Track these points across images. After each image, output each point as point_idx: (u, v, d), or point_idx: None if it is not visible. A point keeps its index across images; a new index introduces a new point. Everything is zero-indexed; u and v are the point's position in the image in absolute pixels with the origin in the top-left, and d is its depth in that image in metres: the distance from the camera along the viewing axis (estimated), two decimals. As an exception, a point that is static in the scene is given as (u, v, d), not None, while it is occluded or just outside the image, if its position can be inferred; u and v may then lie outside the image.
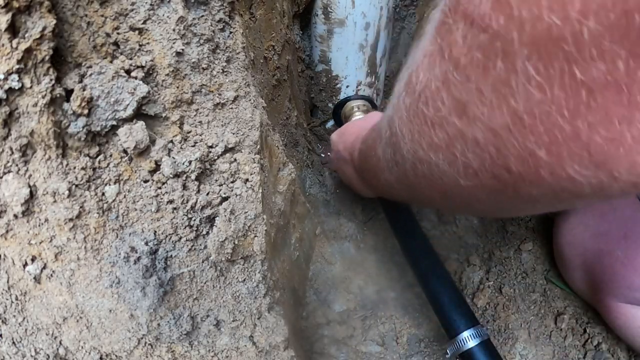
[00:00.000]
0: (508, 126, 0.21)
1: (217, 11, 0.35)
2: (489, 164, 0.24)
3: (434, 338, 0.61)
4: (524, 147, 0.21)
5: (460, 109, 0.23)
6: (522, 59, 0.18)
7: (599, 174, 0.19)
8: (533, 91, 0.19)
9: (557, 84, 0.18)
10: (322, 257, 0.66)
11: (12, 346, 0.36)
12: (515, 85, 0.19)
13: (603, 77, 0.17)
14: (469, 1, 0.20)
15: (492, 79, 0.20)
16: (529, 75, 0.18)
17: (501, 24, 0.19)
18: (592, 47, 0.16)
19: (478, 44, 0.20)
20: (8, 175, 0.31)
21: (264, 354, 0.40)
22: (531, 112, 0.20)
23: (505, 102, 0.20)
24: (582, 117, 0.18)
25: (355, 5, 0.68)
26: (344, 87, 0.80)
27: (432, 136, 0.27)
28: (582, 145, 0.19)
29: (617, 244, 0.53)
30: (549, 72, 0.18)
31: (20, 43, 0.27)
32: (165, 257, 0.35)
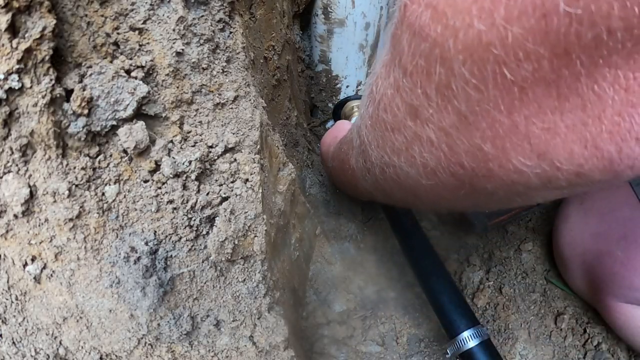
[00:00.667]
0: (455, 125, 0.23)
1: (217, 11, 0.35)
2: (444, 162, 0.26)
3: (434, 338, 0.61)
4: (471, 142, 0.23)
5: (413, 113, 0.25)
6: (458, 64, 0.20)
7: (542, 164, 0.21)
8: (471, 92, 0.20)
9: (491, 84, 0.19)
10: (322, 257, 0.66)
11: (12, 346, 0.36)
12: (455, 88, 0.21)
13: (531, 75, 0.18)
14: (412, 13, 0.22)
15: (435, 83, 0.22)
16: (466, 78, 0.20)
17: (438, 33, 0.20)
18: (518, 49, 0.18)
19: (420, 51, 0.22)
20: (8, 175, 0.31)
21: (264, 354, 0.40)
22: (473, 110, 0.21)
23: (449, 103, 0.22)
24: (518, 110, 0.20)
25: (355, 5, 0.68)
26: (344, 87, 0.80)
27: (393, 140, 0.29)
28: (522, 136, 0.21)
29: (616, 244, 0.53)
30: (482, 74, 0.19)
31: (20, 43, 0.27)
32: (165, 257, 0.35)
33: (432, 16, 0.20)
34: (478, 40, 0.19)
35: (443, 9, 0.20)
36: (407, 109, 0.26)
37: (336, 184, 0.68)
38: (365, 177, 0.40)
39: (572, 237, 0.59)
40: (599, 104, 0.18)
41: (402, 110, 0.26)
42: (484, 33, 0.18)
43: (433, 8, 0.20)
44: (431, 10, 0.20)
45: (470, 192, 0.27)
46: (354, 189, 0.55)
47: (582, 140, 0.19)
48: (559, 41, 0.17)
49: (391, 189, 0.36)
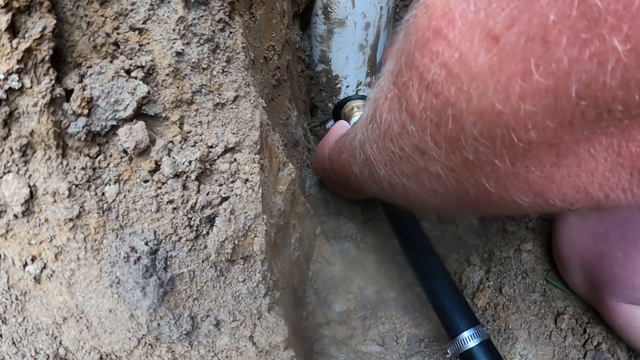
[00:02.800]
0: (461, 165, 0.25)
1: (217, 11, 0.35)
2: (452, 190, 0.28)
3: (434, 338, 0.61)
4: (476, 180, 0.25)
5: (421, 152, 0.27)
6: (469, 124, 0.21)
7: (538, 200, 0.24)
8: (479, 146, 0.22)
9: (499, 143, 0.21)
10: (322, 257, 0.66)
11: (12, 346, 0.36)
12: (464, 141, 0.23)
13: (536, 139, 0.20)
14: (424, 67, 0.22)
15: (445, 134, 0.23)
16: (475, 136, 0.22)
17: (452, 94, 0.21)
18: (528, 121, 0.19)
19: (431, 105, 0.23)
20: (8, 175, 0.31)
21: (264, 354, 0.40)
22: (478, 159, 0.23)
23: (457, 150, 0.24)
24: (520, 162, 0.22)
25: (355, 5, 0.68)
26: (344, 87, 0.80)
27: (401, 167, 0.30)
28: (521, 180, 0.23)
29: (616, 245, 0.53)
30: (491, 135, 0.21)
31: (20, 43, 0.27)
32: (165, 257, 0.35)
33: (447, 77, 0.21)
34: (491, 108, 0.20)
35: (458, 73, 0.20)
36: (414, 148, 0.27)
37: (334, 189, 0.68)
38: (371, 186, 0.41)
39: (572, 237, 0.59)
40: (593, 162, 0.21)
41: (409, 147, 0.27)
42: (497, 103, 0.19)
43: (448, 70, 0.21)
44: (445, 71, 0.21)
45: (475, 209, 0.30)
46: (356, 192, 0.57)
47: (575, 188, 0.22)
48: (565, 117, 0.18)
49: (398, 199, 0.38)
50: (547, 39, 0.17)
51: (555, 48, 0.17)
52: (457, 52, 0.20)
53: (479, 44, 0.19)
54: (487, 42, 0.19)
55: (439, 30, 0.21)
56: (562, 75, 0.17)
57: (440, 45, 0.21)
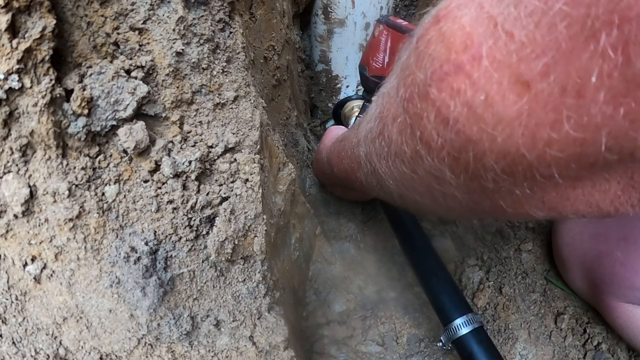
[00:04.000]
0: (478, 191, 0.25)
1: (217, 11, 0.35)
2: (466, 206, 0.28)
3: (434, 338, 0.61)
4: (493, 201, 0.26)
5: (436, 177, 0.26)
6: (491, 162, 0.22)
7: (551, 213, 0.25)
8: (499, 180, 0.23)
9: (520, 177, 0.22)
10: (322, 257, 0.66)
11: (12, 346, 0.36)
12: (484, 174, 0.23)
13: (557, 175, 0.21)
14: (442, 102, 0.22)
15: (464, 167, 0.23)
16: (496, 172, 0.22)
17: (474, 133, 0.21)
18: (552, 163, 0.20)
19: (450, 141, 0.23)
20: (8, 175, 0.31)
21: (264, 354, 0.40)
22: (497, 187, 0.24)
23: (475, 180, 0.24)
24: (538, 187, 0.23)
25: (355, 5, 0.69)
26: (344, 87, 0.80)
27: (414, 185, 0.30)
28: (537, 199, 0.24)
29: (616, 245, 0.53)
30: (513, 172, 0.21)
31: (20, 43, 0.27)
32: (165, 257, 0.35)
33: (469, 117, 0.21)
34: (515, 150, 0.20)
35: (482, 115, 0.20)
36: (429, 173, 0.27)
37: (337, 192, 0.68)
38: (379, 193, 0.41)
39: (572, 237, 0.59)
40: (606, 185, 0.22)
41: (422, 172, 0.27)
42: (523, 148, 0.20)
43: (471, 110, 0.20)
44: (468, 111, 0.20)
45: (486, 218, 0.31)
46: (360, 194, 0.57)
47: (588, 204, 0.23)
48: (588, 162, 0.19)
49: (408, 207, 0.39)
50: (584, 94, 0.17)
51: (590, 104, 0.17)
52: (482, 94, 0.19)
53: (509, 88, 0.19)
54: (517, 88, 0.18)
55: (460, 66, 0.20)
56: (593, 129, 0.17)
57: (462, 82, 0.20)
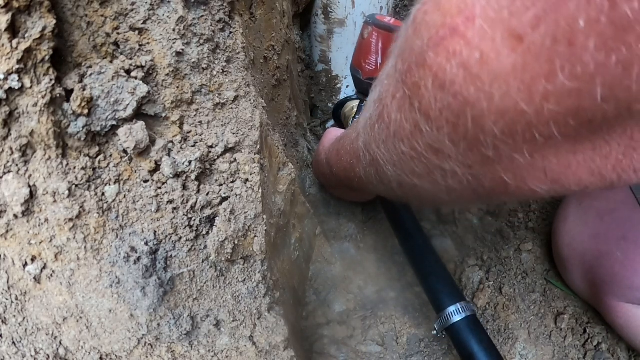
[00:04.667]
0: (479, 162, 0.25)
1: (217, 11, 0.35)
2: (467, 185, 0.28)
3: (434, 338, 0.61)
4: (493, 173, 0.26)
5: (435, 150, 0.26)
6: (489, 123, 0.21)
7: (555, 187, 0.25)
8: (499, 144, 0.22)
9: (519, 139, 0.22)
10: (322, 257, 0.66)
11: (12, 346, 0.36)
12: (484, 139, 0.23)
13: (555, 134, 0.21)
14: (438, 66, 0.22)
15: (462, 134, 0.23)
16: (495, 134, 0.22)
17: (471, 94, 0.21)
18: (550, 119, 0.20)
19: (448, 106, 0.22)
20: (8, 175, 0.31)
21: (264, 354, 0.40)
22: (498, 155, 0.23)
23: (475, 148, 0.24)
24: (538, 153, 0.23)
25: (355, 5, 0.69)
26: (344, 87, 0.80)
27: (412, 167, 0.30)
28: (539, 169, 0.24)
29: (616, 245, 0.53)
30: (512, 132, 0.21)
31: (20, 43, 0.27)
32: (165, 257, 0.35)
33: (465, 78, 0.21)
34: (513, 107, 0.20)
35: (478, 73, 0.20)
36: (428, 147, 0.26)
37: (337, 193, 0.68)
38: (378, 186, 0.40)
39: (572, 237, 0.59)
40: (607, 147, 0.22)
41: (422, 147, 0.27)
42: (520, 103, 0.19)
43: (467, 69, 0.20)
44: (464, 71, 0.20)
45: (487, 200, 0.31)
46: (359, 194, 0.57)
47: (590, 171, 0.23)
48: (586, 116, 0.19)
49: (408, 197, 0.38)
50: (574, 42, 0.17)
51: (582, 52, 0.17)
52: (477, 52, 0.20)
53: (502, 43, 0.19)
54: (510, 42, 0.18)
55: (455, 28, 0.20)
56: (587, 79, 0.17)
57: (457, 44, 0.20)
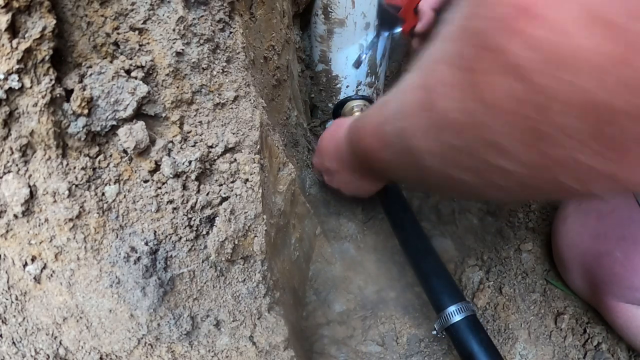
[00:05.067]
0: (536, 160, 0.23)
1: (217, 11, 0.35)
2: (519, 185, 0.26)
3: (434, 338, 0.61)
4: (552, 177, 0.23)
5: (492, 144, 0.24)
6: (560, 116, 0.19)
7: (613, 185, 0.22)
8: (564, 139, 0.20)
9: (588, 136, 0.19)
10: (322, 257, 0.66)
11: (12, 346, 0.36)
12: (551, 134, 0.21)
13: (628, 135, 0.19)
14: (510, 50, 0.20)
15: (528, 125, 0.21)
16: (563, 128, 0.20)
17: (546, 82, 0.19)
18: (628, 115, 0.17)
19: (517, 94, 0.20)
20: (8, 175, 0.31)
21: (264, 354, 0.40)
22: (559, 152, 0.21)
23: (536, 144, 0.22)
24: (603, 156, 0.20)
25: (355, 5, 0.68)
26: (344, 87, 0.80)
27: (461, 161, 0.28)
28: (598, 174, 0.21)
29: (615, 245, 0.53)
30: (582, 128, 0.19)
31: (20, 43, 0.27)
32: (165, 257, 0.35)
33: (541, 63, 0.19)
34: (590, 100, 0.18)
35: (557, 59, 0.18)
36: (483, 141, 0.25)
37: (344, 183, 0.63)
38: (408, 173, 0.38)
39: (572, 237, 0.59)
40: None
41: (476, 140, 0.25)
42: (599, 96, 0.18)
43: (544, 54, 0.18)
44: (540, 55, 0.19)
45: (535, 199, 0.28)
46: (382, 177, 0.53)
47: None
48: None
49: (443, 188, 0.35)
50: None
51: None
52: (557, 35, 0.18)
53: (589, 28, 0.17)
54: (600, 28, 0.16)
55: (528, 7, 0.18)
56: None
57: (532, 25, 0.18)
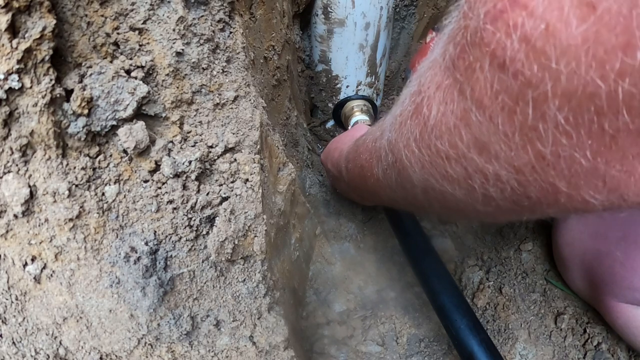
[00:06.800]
0: (531, 164, 0.22)
1: (217, 11, 0.35)
2: (509, 194, 0.25)
3: (434, 338, 0.61)
4: (545, 180, 0.22)
5: (480, 147, 0.23)
6: (553, 109, 0.19)
7: (611, 197, 0.21)
8: (559, 136, 0.20)
9: (584, 131, 0.19)
10: (322, 257, 0.66)
11: (12, 346, 0.36)
12: (543, 131, 0.20)
13: (626, 127, 0.18)
14: (496, 42, 0.19)
15: (519, 123, 0.21)
16: (558, 123, 0.19)
17: (534, 73, 0.18)
18: (624, 104, 0.17)
19: (506, 88, 0.20)
20: (8, 175, 0.31)
21: (264, 354, 0.40)
22: (555, 153, 0.20)
23: (530, 144, 0.21)
24: (602, 156, 0.20)
25: (355, 5, 0.68)
26: (344, 87, 0.80)
27: (446, 169, 0.27)
28: (598, 176, 0.21)
29: (615, 245, 0.53)
30: (577, 122, 0.19)
31: (20, 43, 0.27)
32: (165, 257, 0.35)
33: (528, 53, 0.18)
34: (582, 89, 0.18)
35: (543, 47, 0.18)
36: (473, 143, 0.24)
37: (341, 189, 0.65)
38: (395, 191, 0.37)
39: (572, 237, 0.59)
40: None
41: (465, 142, 0.24)
42: (591, 83, 0.17)
43: (530, 44, 0.18)
44: (527, 46, 0.18)
45: (526, 214, 0.27)
46: (368, 196, 0.54)
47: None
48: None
49: (431, 206, 0.35)
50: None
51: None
52: (542, 23, 0.17)
53: (571, 11, 0.17)
54: (581, 10, 0.16)
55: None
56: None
57: (518, 15, 0.18)
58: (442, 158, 0.27)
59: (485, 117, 0.22)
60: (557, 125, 0.19)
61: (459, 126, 0.24)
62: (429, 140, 0.27)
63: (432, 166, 0.28)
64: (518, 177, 0.23)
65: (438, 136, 0.26)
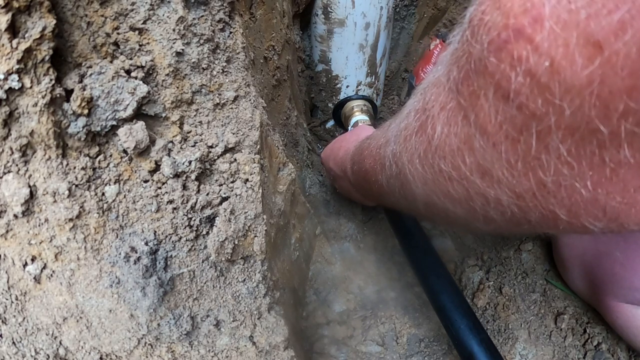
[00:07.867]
0: (532, 191, 0.22)
1: (217, 11, 0.35)
2: (509, 217, 0.25)
3: (434, 338, 0.61)
4: (545, 207, 0.22)
5: (483, 172, 0.24)
6: (556, 141, 0.19)
7: (611, 225, 0.22)
8: (561, 167, 0.20)
9: (586, 163, 0.19)
10: (322, 257, 0.66)
11: (12, 346, 0.36)
12: (546, 161, 0.20)
13: (628, 161, 0.18)
14: (502, 74, 0.19)
15: (523, 152, 0.21)
16: (560, 154, 0.19)
17: (539, 107, 0.19)
18: (625, 141, 0.17)
19: (510, 119, 0.20)
20: (8, 175, 0.31)
21: (264, 354, 0.40)
22: (557, 182, 0.21)
23: (532, 172, 0.21)
24: (603, 187, 0.20)
25: (355, 5, 0.68)
26: (344, 87, 0.80)
27: (448, 189, 0.27)
28: (599, 207, 0.21)
29: (615, 245, 0.53)
30: (579, 153, 0.19)
31: (20, 43, 0.27)
32: (165, 257, 0.35)
33: (532, 88, 0.18)
34: (585, 125, 0.18)
35: (548, 83, 0.18)
36: (475, 167, 0.24)
37: (343, 188, 0.65)
38: (399, 200, 0.37)
39: (572, 237, 0.59)
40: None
41: (468, 166, 0.24)
42: (594, 120, 0.17)
43: (534, 79, 0.18)
44: (531, 80, 0.18)
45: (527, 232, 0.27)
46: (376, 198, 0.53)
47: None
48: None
49: (433, 218, 0.35)
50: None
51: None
52: (547, 59, 0.17)
53: (577, 50, 0.16)
54: (587, 50, 0.16)
55: (520, 30, 0.18)
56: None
57: (523, 48, 0.18)
58: (444, 178, 0.27)
59: (489, 144, 0.22)
60: (559, 156, 0.20)
61: (462, 149, 0.24)
62: (432, 159, 0.27)
63: (434, 184, 0.28)
64: (519, 203, 0.23)
65: (441, 156, 0.26)
